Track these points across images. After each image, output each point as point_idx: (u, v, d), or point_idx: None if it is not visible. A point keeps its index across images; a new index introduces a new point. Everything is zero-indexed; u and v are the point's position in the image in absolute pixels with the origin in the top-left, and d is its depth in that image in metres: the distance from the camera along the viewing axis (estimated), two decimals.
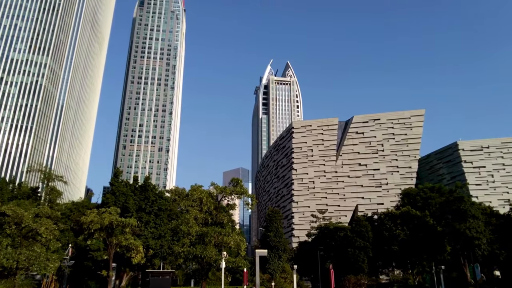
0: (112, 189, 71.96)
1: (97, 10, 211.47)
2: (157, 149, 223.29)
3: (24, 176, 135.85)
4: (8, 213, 51.19)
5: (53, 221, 56.00)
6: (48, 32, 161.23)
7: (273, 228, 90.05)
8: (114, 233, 57.23)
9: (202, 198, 74.70)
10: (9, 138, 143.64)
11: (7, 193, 74.56)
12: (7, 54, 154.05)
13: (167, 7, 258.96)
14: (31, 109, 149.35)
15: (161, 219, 70.79)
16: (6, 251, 47.29)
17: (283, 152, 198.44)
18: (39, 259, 48.13)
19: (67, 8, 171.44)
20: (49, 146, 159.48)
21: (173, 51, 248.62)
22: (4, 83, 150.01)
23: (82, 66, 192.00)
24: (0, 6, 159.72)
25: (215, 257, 61.97)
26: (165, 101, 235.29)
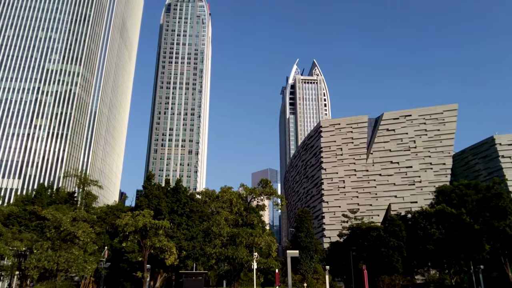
0: (145, 192, 73.72)
1: (126, 19, 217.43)
2: (187, 152, 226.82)
3: (61, 181, 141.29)
4: (48, 217, 53.53)
5: (89, 224, 58.04)
6: (80, 42, 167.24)
7: (303, 228, 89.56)
8: (148, 235, 58.53)
9: (232, 199, 75.40)
10: (46, 145, 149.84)
11: (46, 198, 77.84)
12: (43, 65, 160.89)
13: (193, 12, 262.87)
14: (66, 117, 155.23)
15: (192, 220, 71.85)
16: (47, 254, 49.40)
17: (312, 151, 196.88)
18: (77, 261, 49.97)
19: (97, 18, 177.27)
20: (84, 152, 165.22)
21: (200, 55, 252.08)
22: (41, 93, 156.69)
23: (113, 74, 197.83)
24: (36, 20, 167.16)
25: (246, 258, 62.28)
26: (193, 104, 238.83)
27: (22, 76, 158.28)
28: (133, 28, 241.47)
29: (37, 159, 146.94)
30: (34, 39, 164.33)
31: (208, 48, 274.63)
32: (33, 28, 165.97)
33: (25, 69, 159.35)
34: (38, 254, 49.36)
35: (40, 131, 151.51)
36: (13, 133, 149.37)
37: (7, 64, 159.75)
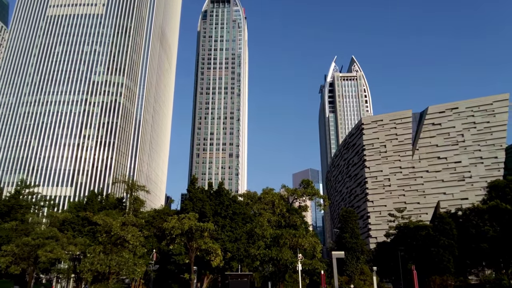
0: (190, 195, 75.48)
1: (165, 28, 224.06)
2: (228, 155, 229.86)
3: (110, 187, 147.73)
4: (99, 222, 56.15)
5: (138, 228, 60.20)
6: (123, 53, 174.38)
7: (348, 229, 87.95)
8: (194, 238, 59.85)
9: (274, 201, 75.44)
10: (95, 154, 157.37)
11: (97, 204, 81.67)
12: (89, 77, 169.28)
13: (228, 17, 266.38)
14: (112, 126, 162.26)
15: (236, 222, 72.66)
16: (99, 257, 51.79)
17: (354, 150, 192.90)
18: (128, 264, 51.98)
19: (137, 29, 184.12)
20: (130, 158, 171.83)
21: (237, 59, 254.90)
22: (88, 104, 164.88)
23: (155, 82, 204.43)
24: (81, 35, 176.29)
25: (290, 259, 62.06)
26: (232, 108, 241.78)
27: (71, 89, 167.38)
28: (172, 36, 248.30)
29: (87, 167, 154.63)
30: (81, 54, 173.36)
31: (244, 51, 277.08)
32: (79, 43, 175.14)
33: (73, 82, 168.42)
34: (91, 258, 51.88)
35: (89, 140, 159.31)
36: (64, 143, 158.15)
37: (57, 78, 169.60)
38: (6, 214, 75.61)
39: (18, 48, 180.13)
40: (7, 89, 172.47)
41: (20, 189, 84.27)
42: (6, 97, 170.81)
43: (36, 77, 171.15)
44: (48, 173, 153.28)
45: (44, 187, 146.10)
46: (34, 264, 62.18)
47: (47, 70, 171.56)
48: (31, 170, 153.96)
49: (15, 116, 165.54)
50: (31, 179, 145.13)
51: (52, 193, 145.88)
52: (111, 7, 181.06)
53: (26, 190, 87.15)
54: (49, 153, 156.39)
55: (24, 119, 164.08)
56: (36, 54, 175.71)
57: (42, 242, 57.67)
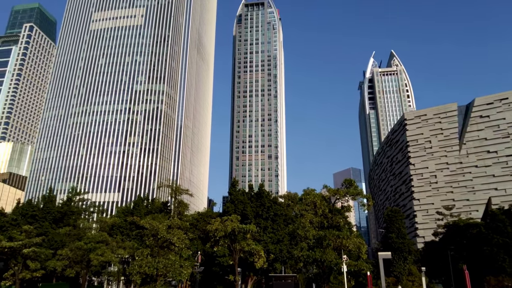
0: (231, 198, 76.48)
1: (201, 35, 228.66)
2: (267, 157, 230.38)
3: (155, 192, 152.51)
4: (146, 226, 58.12)
5: (183, 231, 61.76)
6: (162, 62, 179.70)
7: (394, 229, 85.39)
8: (237, 239, 60.58)
9: (316, 201, 74.67)
10: (140, 160, 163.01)
11: (143, 208, 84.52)
12: (132, 87, 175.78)
13: (263, 20, 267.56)
14: (155, 133, 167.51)
15: (277, 224, 72.68)
16: (147, 260, 53.61)
17: (397, 146, 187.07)
18: (174, 266, 53.44)
19: (175, 38, 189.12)
20: (173, 163, 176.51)
21: (273, 61, 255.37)
22: (132, 112, 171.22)
23: (194, 88, 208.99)
24: (122, 47, 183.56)
25: (335, 261, 61.21)
26: (269, 110, 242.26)
27: (115, 99, 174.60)
28: (209, 42, 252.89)
29: (133, 173, 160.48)
30: (123, 64, 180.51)
31: (280, 53, 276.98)
32: (121, 54, 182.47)
33: (117, 92, 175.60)
34: (139, 261, 53.82)
35: (134, 147, 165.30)
36: (111, 151, 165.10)
37: (102, 89, 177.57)
38: (60, 220, 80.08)
39: (65, 62, 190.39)
40: (57, 101, 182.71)
41: (71, 196, 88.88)
42: (57, 110, 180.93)
43: (82, 89, 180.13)
44: (97, 180, 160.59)
45: (93, 193, 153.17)
46: (86, 267, 65.39)
47: (92, 82, 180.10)
48: (81, 177, 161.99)
49: (65, 127, 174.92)
50: (81, 186, 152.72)
51: (101, 199, 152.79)
52: (149, 18, 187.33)
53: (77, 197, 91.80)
54: (97, 161, 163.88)
55: (73, 130, 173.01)
56: (81, 67, 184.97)
57: (93, 246, 60.57)
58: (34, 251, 60.33)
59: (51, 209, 79.90)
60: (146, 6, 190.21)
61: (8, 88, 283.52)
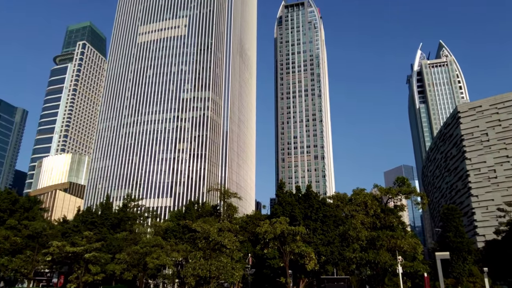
0: (279, 200, 76.51)
1: (243, 40, 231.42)
2: (313, 158, 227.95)
3: (205, 196, 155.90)
4: (198, 229, 59.55)
5: (233, 233, 62.62)
6: (207, 70, 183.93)
7: (451, 227, 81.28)
8: (287, 241, 60.44)
9: (367, 201, 72.80)
10: (189, 166, 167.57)
11: (194, 212, 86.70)
12: (179, 95, 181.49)
13: (303, 20, 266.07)
14: (203, 139, 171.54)
15: (327, 225, 71.63)
16: (200, 263, 54.83)
17: (451, 141, 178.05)
18: (226, 268, 54.25)
19: (218, 45, 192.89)
20: (221, 168, 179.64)
21: (315, 60, 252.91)
22: (180, 120, 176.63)
23: (238, 93, 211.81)
24: (168, 57, 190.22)
25: (389, 262, 59.33)
26: (314, 110, 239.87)
27: (163, 108, 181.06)
28: (250, 46, 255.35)
29: (183, 179, 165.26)
30: (169, 74, 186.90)
31: (322, 51, 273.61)
32: (167, 65, 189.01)
33: (165, 102, 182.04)
34: (193, 263, 55.20)
35: (183, 153, 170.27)
36: (162, 158, 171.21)
37: (151, 99, 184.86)
38: (117, 225, 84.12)
39: (116, 75, 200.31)
40: (110, 113, 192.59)
41: (127, 203, 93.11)
42: (110, 121, 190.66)
43: (132, 100, 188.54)
44: (150, 186, 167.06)
45: (147, 199, 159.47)
46: (143, 270, 68.12)
47: (141, 93, 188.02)
48: (135, 184, 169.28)
49: (118, 137, 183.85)
50: (135, 193, 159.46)
51: (154, 204, 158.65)
52: (192, 28, 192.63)
53: (132, 203, 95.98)
54: (150, 168, 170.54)
55: (126, 139, 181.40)
56: (131, 79, 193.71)
57: (149, 250, 63.01)
58: (94, 256, 63.81)
59: (108, 216, 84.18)
60: (188, 16, 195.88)
61: (66, 103, 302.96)
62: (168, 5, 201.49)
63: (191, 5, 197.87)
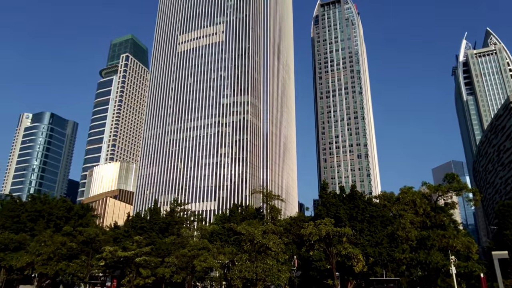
0: (322, 201, 75.60)
1: (280, 42, 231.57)
2: (356, 157, 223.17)
3: (248, 199, 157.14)
4: (243, 232, 60.12)
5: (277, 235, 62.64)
6: (245, 74, 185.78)
7: (508, 225, 76.67)
8: (332, 243, 59.64)
9: (415, 200, 70.31)
10: (231, 169, 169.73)
11: (238, 215, 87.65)
12: (219, 101, 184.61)
13: (340, 17, 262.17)
14: (243, 142, 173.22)
15: (374, 226, 69.87)
16: (246, 265, 55.30)
17: (504, 133, 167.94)
18: (272, 270, 54.33)
19: (255, 49, 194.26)
20: (262, 170, 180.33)
21: (354, 56, 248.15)
22: (221, 125, 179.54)
23: (276, 95, 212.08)
24: (207, 64, 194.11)
25: (442, 262, 56.97)
26: (355, 108, 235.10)
27: (205, 114, 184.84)
28: (287, 48, 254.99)
29: (226, 183, 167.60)
30: (209, 81, 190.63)
31: (362, 48, 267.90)
32: (207, 72, 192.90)
33: (206, 108, 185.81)
34: (239, 266, 55.79)
35: (225, 158, 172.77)
36: (205, 163, 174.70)
37: (192, 106, 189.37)
38: (165, 229, 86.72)
39: (158, 85, 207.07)
40: (154, 121, 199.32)
41: (173, 207, 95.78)
42: (154, 129, 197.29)
43: (175, 108, 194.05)
44: (194, 191, 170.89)
45: (192, 203, 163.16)
46: (191, 273, 69.70)
47: (183, 100, 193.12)
48: (180, 189, 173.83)
49: (163, 145, 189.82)
50: (181, 198, 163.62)
51: (199, 208, 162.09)
52: (230, 33, 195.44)
53: (178, 208, 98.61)
54: (193, 173, 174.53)
55: (170, 146, 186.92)
56: (173, 87, 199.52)
57: (196, 253, 64.42)
58: (145, 260, 66.15)
59: (156, 220, 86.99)
60: (225, 22, 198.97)
61: (112, 114, 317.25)
62: (205, 13, 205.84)
63: (228, 11, 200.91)
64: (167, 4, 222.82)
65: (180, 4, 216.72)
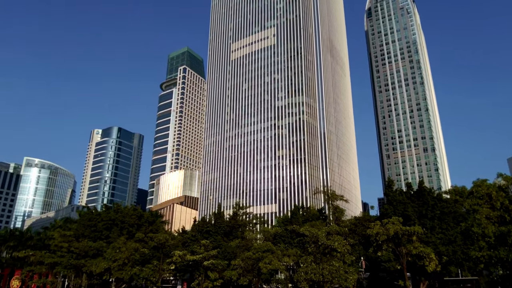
0: (388, 199, 72.78)
1: (332, 38, 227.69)
2: (422, 151, 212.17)
3: (309, 200, 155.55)
4: (306, 233, 59.63)
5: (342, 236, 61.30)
6: (298, 75, 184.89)
7: None
8: (402, 243, 57.13)
9: (491, 193, 65.49)
10: (290, 171, 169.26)
11: (300, 217, 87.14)
12: (274, 104, 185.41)
13: (395, 7, 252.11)
14: (301, 143, 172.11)
15: (446, 223, 65.85)
16: (312, 267, 54.73)
17: None
18: (339, 272, 53.24)
19: (307, 48, 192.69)
20: (322, 171, 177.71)
21: (412, 46, 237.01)
22: (277, 127, 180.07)
23: (332, 93, 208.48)
24: (260, 69, 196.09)
25: None
26: (417, 99, 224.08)
27: (261, 118, 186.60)
28: (341, 44, 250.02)
29: (286, 184, 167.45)
30: (263, 85, 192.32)
31: (420, 36, 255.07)
32: (260, 76, 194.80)
33: (261, 112, 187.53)
34: (304, 268, 55.35)
35: (283, 160, 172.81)
36: (264, 166, 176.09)
37: (248, 111, 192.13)
38: (229, 233, 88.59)
39: (215, 93, 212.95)
40: (213, 129, 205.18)
41: (236, 211, 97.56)
42: (214, 136, 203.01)
43: (232, 114, 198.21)
44: (255, 194, 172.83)
45: (254, 206, 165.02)
46: (257, 275, 70.34)
47: (239, 107, 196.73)
48: (242, 193, 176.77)
49: (222, 151, 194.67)
50: (243, 201, 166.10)
51: (260, 211, 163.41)
52: (281, 36, 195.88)
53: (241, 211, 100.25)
54: (253, 176, 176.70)
55: (229, 152, 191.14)
56: (229, 95, 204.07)
57: (261, 255, 64.94)
58: (212, 263, 67.98)
59: (221, 224, 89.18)
60: (276, 25, 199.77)
61: (174, 124, 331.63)
62: (256, 19, 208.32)
63: (278, 14, 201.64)
64: (218, 15, 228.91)
65: (231, 14, 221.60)
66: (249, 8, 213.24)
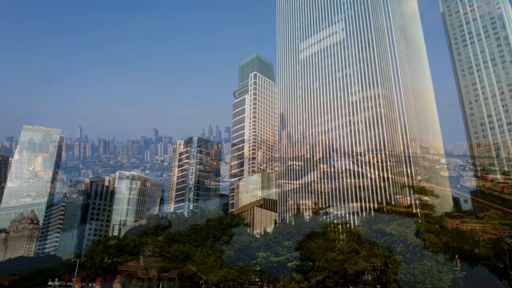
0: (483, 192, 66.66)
1: (405, 26, 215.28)
2: None
3: (393, 197, 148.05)
4: (393, 233, 57.05)
5: (433, 234, 57.54)
6: (371, 66, 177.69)
7: None
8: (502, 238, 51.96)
9: None
10: (370, 168, 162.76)
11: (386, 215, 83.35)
12: (348, 99, 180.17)
13: None
14: (379, 138, 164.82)
15: None
16: (401, 267, 52.12)
17: None
18: (432, 272, 50.00)
19: (379, 39, 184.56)
20: (405, 166, 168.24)
21: (498, 22, 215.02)
22: (352, 123, 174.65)
23: (409, 81, 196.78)
24: (332, 65, 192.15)
25: None
26: (508, 79, 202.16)
27: (335, 115, 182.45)
28: (415, 30, 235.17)
29: (366, 182, 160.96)
30: (335, 81, 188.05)
31: (507, 9, 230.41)
32: (331, 72, 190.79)
33: (335, 109, 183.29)
34: (393, 268, 52.91)
35: (362, 157, 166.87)
36: (342, 164, 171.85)
37: (322, 109, 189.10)
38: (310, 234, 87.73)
39: (286, 95, 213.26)
40: (286, 131, 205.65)
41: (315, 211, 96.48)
42: (288, 138, 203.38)
43: (304, 114, 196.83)
44: (334, 194, 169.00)
45: (333, 206, 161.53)
46: (343, 277, 68.70)
47: (311, 105, 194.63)
48: (320, 193, 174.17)
49: (298, 152, 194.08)
50: (321, 202, 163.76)
51: (341, 211, 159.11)
52: (350, 29, 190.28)
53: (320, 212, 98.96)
54: (331, 176, 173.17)
55: (305, 153, 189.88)
56: (300, 95, 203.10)
57: (346, 256, 63.41)
58: (296, 264, 67.96)
59: (301, 225, 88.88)
60: (344, 19, 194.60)
61: (249, 130, 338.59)
62: (323, 15, 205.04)
63: (345, 7, 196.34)
64: (284, 17, 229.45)
65: (296, 14, 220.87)
66: (314, 6, 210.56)
